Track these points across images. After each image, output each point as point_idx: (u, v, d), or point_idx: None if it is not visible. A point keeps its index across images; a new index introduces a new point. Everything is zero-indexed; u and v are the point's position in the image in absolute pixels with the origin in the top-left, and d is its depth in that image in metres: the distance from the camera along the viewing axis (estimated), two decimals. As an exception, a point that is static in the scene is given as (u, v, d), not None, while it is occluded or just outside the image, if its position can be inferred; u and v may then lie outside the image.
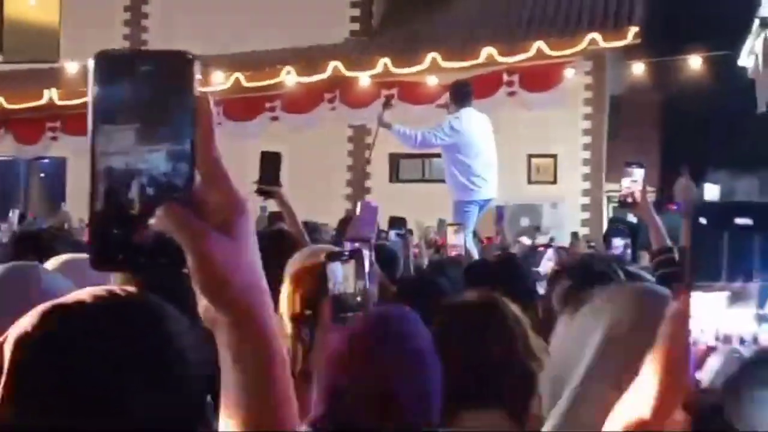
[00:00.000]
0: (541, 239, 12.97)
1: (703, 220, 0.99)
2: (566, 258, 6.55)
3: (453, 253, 5.75)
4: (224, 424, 1.01)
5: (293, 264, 2.99)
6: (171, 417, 1.25)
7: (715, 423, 0.81)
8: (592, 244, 10.27)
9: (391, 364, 1.94)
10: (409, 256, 5.50)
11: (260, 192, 4.80)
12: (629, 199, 3.88)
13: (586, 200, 19.18)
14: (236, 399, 0.99)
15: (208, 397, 1.37)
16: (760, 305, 0.98)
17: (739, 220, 0.98)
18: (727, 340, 0.98)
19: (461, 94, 10.01)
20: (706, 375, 0.97)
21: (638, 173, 3.91)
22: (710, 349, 0.98)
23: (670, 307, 1.01)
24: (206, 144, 0.96)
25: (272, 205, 5.68)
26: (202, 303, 0.98)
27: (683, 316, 0.99)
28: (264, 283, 1.01)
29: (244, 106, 20.42)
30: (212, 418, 1.24)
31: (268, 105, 20.49)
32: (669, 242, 4.17)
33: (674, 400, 0.98)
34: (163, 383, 1.25)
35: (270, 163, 4.80)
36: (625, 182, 3.90)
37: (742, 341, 0.98)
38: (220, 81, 19.84)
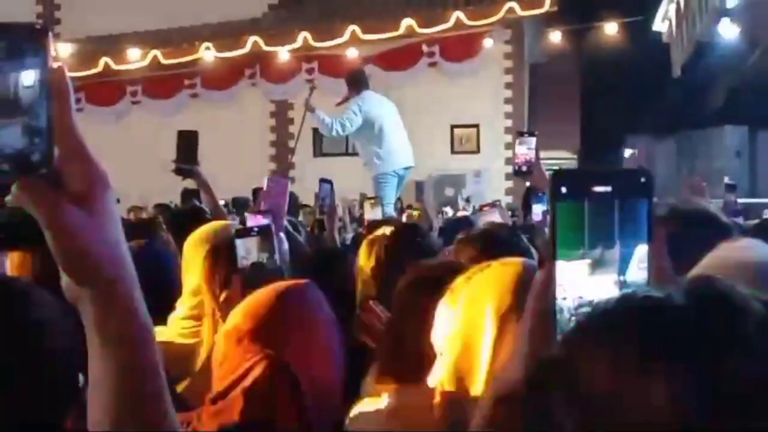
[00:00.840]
0: (465, 209, 13.02)
1: (563, 189, 1.00)
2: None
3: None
4: (91, 408, 0.99)
5: (207, 241, 2.96)
6: (33, 399, 1.23)
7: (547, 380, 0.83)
8: (516, 212, 10.37)
9: (288, 338, 1.94)
10: (334, 228, 5.46)
11: (177, 171, 4.76)
12: (524, 168, 3.92)
13: (509, 169, 19.31)
14: (102, 381, 0.97)
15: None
16: (621, 272, 1.00)
17: (598, 188, 0.99)
18: (589, 306, 0.98)
19: (357, 81, 10.47)
20: None
21: (531, 141, 3.95)
22: (572, 316, 0.99)
23: (536, 277, 1.03)
24: (63, 117, 0.93)
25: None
26: (65, 279, 0.96)
27: (547, 286, 1.00)
28: (129, 259, 1.00)
29: (162, 84, 20.15)
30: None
31: (187, 82, 20.23)
32: None
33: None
34: (22, 370, 1.23)
35: (187, 142, 4.76)
36: (520, 151, 3.93)
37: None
38: (137, 59, 19.52)
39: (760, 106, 21.83)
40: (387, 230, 3.69)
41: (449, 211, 13.00)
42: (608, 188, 1.00)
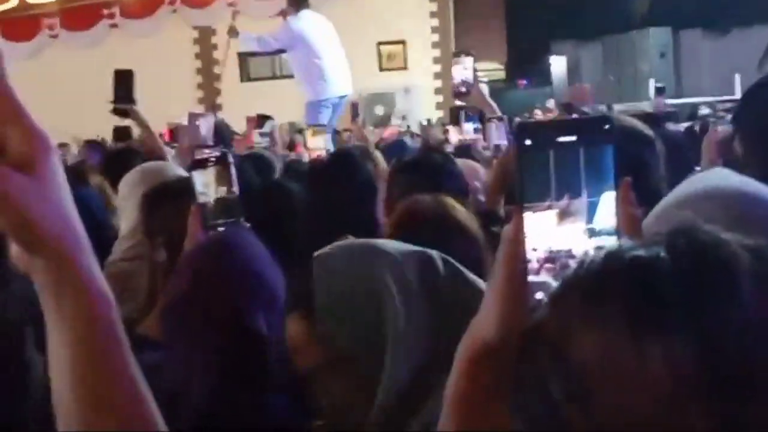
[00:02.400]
0: (402, 127, 13.01)
1: (528, 142, 1.00)
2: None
3: (314, 156, 5.64)
4: (53, 381, 0.95)
5: (144, 182, 2.91)
6: None
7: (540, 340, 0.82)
8: (447, 128, 10.36)
9: (236, 286, 1.91)
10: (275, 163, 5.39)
11: (115, 111, 4.69)
12: (462, 89, 3.90)
13: (438, 83, 19.28)
14: (60, 353, 0.93)
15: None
16: (589, 220, 1.00)
17: (563, 138, 0.99)
18: (559, 255, 0.99)
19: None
20: (539, 291, 0.99)
21: (468, 62, 3.92)
22: (542, 267, 0.99)
23: (504, 230, 1.02)
24: None
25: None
26: (14, 248, 0.92)
27: (516, 239, 0.99)
28: (79, 225, 0.96)
29: (80, 16, 19.61)
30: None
31: (105, 12, 19.71)
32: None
33: (513, 320, 0.99)
34: None
35: (123, 82, 4.67)
36: (457, 72, 3.90)
37: (572, 256, 0.99)
38: (52, -10, 18.98)
39: (683, 6, 21.99)
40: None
41: (375, 132, 12.98)
42: (573, 138, 0.99)
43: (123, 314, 1.01)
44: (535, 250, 1.00)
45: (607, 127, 1.01)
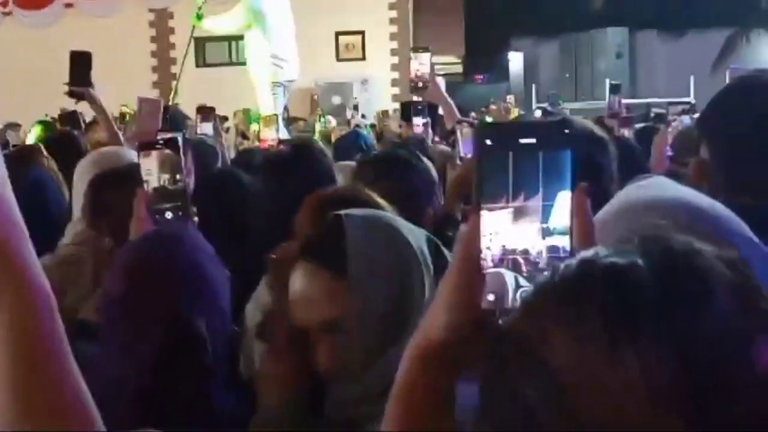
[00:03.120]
0: (354, 118, 12.99)
1: (488, 142, 1.00)
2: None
3: (265, 146, 5.62)
4: None
5: (89, 166, 2.86)
6: None
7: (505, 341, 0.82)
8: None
9: (176, 282, 1.88)
10: (224, 150, 5.35)
11: (71, 94, 4.61)
12: (419, 84, 3.90)
13: (396, 75, 19.29)
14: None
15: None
16: (544, 220, 1.01)
17: (523, 140, 1.00)
18: (513, 254, 1.00)
19: None
20: (491, 292, 0.99)
21: (425, 57, 3.93)
22: (495, 266, 1.00)
23: (461, 229, 1.02)
24: None
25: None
26: None
27: (472, 237, 0.98)
28: (18, 218, 0.92)
29: (35, -6, 19.35)
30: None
31: (61, -9, 19.47)
32: (460, 116, 4.31)
33: (463, 320, 0.99)
34: None
35: (79, 64, 4.59)
36: (414, 66, 3.91)
37: (527, 253, 1.00)
38: (6, -32, 18.67)
39: (640, 7, 22.20)
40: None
41: (332, 120, 12.95)
42: (533, 140, 1.00)
43: (69, 301, 0.98)
44: (489, 248, 1.00)
45: (566, 131, 1.02)
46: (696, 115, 4.39)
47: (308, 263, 1.63)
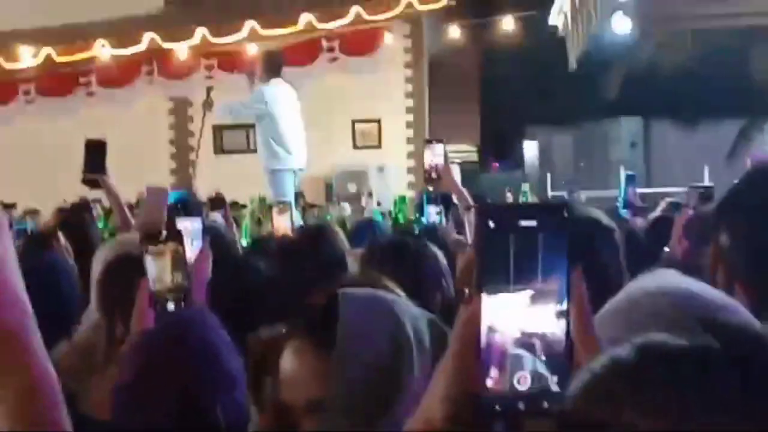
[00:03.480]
0: (371, 205, 13.05)
1: (491, 224, 1.01)
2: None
3: (279, 234, 5.61)
4: None
5: (105, 253, 2.88)
6: None
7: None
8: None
9: (190, 370, 1.87)
10: (235, 240, 5.35)
11: (85, 181, 4.64)
12: (433, 175, 3.94)
13: (411, 163, 19.41)
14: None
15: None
16: (559, 301, 1.02)
17: (524, 222, 1.02)
18: (529, 337, 1.01)
19: (274, 64, 10.22)
20: (505, 376, 0.99)
21: (439, 148, 3.97)
22: (507, 351, 1.00)
23: (461, 312, 1.02)
24: None
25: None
26: None
27: (473, 321, 0.99)
28: (27, 303, 0.93)
29: (57, 83, 19.66)
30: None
31: (82, 80, 19.77)
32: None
33: (460, 402, 0.99)
34: None
35: (94, 152, 4.64)
36: (428, 158, 3.95)
37: (544, 337, 1.01)
38: (29, 57, 19.01)
39: (653, 98, 22.38)
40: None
41: (347, 207, 13.01)
42: (533, 222, 1.02)
43: (80, 389, 0.99)
44: (501, 333, 1.01)
45: (564, 214, 1.04)
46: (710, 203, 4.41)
47: (298, 341, 1.63)
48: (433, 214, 5.38)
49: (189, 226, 3.41)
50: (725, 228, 2.02)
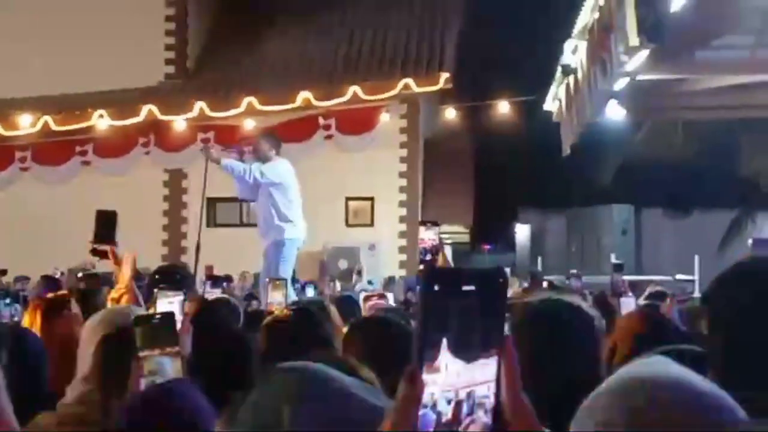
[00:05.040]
0: (360, 282, 13.06)
1: (436, 288, 1.03)
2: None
3: (272, 309, 5.60)
4: None
5: (97, 326, 2.87)
6: None
7: None
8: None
9: None
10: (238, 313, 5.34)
11: (94, 252, 4.65)
12: (427, 256, 3.96)
13: (403, 242, 19.46)
14: None
15: None
16: (493, 366, 1.05)
17: (465, 287, 1.04)
18: (463, 400, 1.03)
19: (277, 140, 10.23)
20: None
21: (433, 230, 4.00)
22: (441, 418, 1.02)
23: (400, 387, 1.03)
24: None
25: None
26: None
27: (412, 399, 1.00)
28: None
29: (53, 151, 19.78)
30: None
31: (79, 149, 19.90)
32: None
33: None
34: None
35: (105, 222, 4.65)
36: (426, 239, 3.98)
37: (477, 401, 1.04)
38: (27, 125, 19.14)
39: (645, 186, 22.56)
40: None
41: (338, 286, 13.01)
42: (473, 287, 1.04)
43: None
44: (437, 400, 1.02)
45: (501, 280, 1.06)
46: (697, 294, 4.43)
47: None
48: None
49: (173, 301, 3.41)
50: (708, 317, 2.03)
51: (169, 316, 2.36)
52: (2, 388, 0.96)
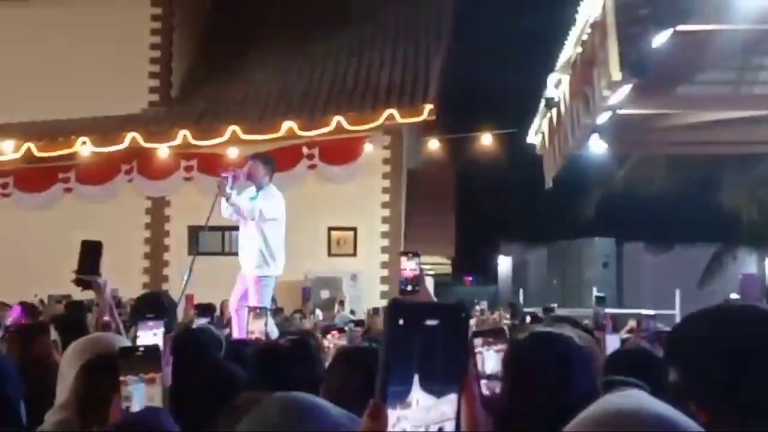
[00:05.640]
0: (342, 312, 13.03)
1: (401, 322, 1.05)
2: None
3: (252, 338, 5.61)
4: None
5: (84, 354, 2.85)
6: None
7: None
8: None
9: None
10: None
11: (78, 282, 4.63)
12: (408, 287, 3.96)
13: (385, 272, 19.46)
14: None
15: None
16: (454, 399, 1.07)
17: (429, 321, 1.05)
18: None
19: (273, 168, 9.85)
20: None
21: (415, 262, 4.01)
22: None
23: (363, 421, 1.03)
24: None
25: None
26: None
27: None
28: None
29: (36, 177, 19.70)
30: None
31: (61, 176, 19.83)
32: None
33: None
34: None
35: (89, 253, 4.64)
36: (404, 269, 3.97)
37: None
38: (9, 151, 19.07)
39: (627, 219, 22.67)
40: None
41: (320, 315, 12.97)
42: (436, 321, 1.05)
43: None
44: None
45: (463, 315, 1.08)
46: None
47: None
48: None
49: (156, 333, 3.40)
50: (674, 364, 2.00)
51: (153, 350, 2.36)
52: None
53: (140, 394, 2.31)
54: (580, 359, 2.34)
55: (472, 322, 9.46)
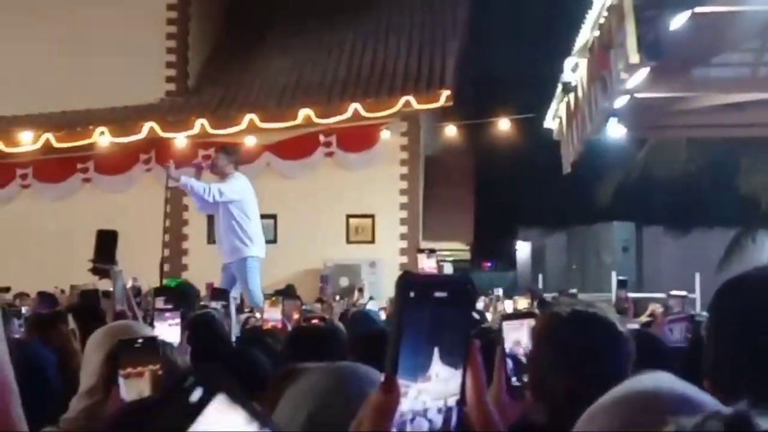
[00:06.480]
0: (361, 300, 13.02)
1: (411, 294, 1.05)
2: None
3: (269, 326, 5.67)
4: None
5: (107, 342, 2.88)
6: None
7: None
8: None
9: None
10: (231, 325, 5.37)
11: (94, 271, 4.67)
12: None
13: (404, 259, 19.45)
14: None
15: None
16: (459, 371, 1.07)
17: (438, 294, 1.06)
18: (430, 405, 1.04)
19: (237, 156, 10.27)
20: None
21: (433, 258, 4.02)
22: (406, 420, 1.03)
23: (371, 396, 1.03)
24: None
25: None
26: None
27: (386, 407, 1.01)
28: (11, 376, 0.95)
29: (55, 167, 19.79)
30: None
31: (80, 166, 19.92)
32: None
33: None
34: None
35: (105, 242, 4.68)
36: (422, 266, 4.00)
37: (443, 405, 1.05)
38: (28, 142, 19.17)
39: (646, 203, 22.57)
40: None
41: (343, 303, 12.95)
42: (444, 294, 1.06)
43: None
44: (405, 408, 1.03)
45: (469, 287, 1.10)
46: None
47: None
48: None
49: (173, 323, 3.43)
50: (707, 330, 2.02)
51: (151, 340, 2.39)
52: (17, 399, 0.97)
53: (137, 386, 2.33)
54: (621, 341, 2.34)
55: (482, 305, 9.48)
